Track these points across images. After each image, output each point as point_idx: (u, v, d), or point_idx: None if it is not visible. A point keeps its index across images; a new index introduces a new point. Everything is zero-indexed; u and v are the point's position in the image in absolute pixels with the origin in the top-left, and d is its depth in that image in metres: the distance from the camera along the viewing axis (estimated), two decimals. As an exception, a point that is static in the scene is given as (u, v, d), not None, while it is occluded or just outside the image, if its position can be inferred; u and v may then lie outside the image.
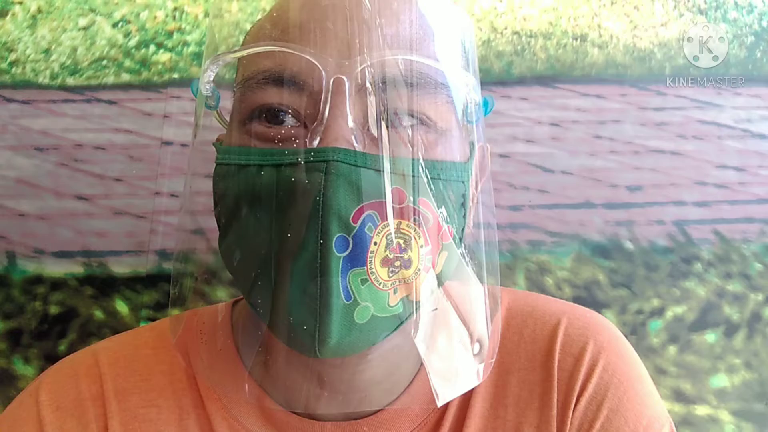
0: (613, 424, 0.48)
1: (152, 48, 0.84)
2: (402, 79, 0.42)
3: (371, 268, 0.40)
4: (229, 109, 0.47)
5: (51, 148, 0.82)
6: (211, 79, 0.46)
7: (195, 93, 0.48)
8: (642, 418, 0.49)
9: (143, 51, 0.84)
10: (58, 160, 0.82)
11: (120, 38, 0.84)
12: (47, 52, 0.84)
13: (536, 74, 0.85)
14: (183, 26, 0.85)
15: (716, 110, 0.84)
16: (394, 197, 0.41)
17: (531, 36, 0.86)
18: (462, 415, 0.50)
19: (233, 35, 0.50)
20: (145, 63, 0.84)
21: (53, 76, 0.83)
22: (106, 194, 0.81)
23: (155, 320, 0.64)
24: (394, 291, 0.42)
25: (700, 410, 0.78)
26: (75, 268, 0.79)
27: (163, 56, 0.84)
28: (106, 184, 0.81)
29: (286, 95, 0.42)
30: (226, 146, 0.45)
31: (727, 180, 0.83)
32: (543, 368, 0.50)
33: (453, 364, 0.45)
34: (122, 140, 0.82)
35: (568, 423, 0.49)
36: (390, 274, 0.41)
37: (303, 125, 0.43)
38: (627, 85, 0.85)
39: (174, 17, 0.85)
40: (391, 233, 0.40)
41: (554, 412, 0.49)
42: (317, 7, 0.43)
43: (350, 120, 0.41)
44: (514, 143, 0.84)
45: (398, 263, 0.41)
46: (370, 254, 0.40)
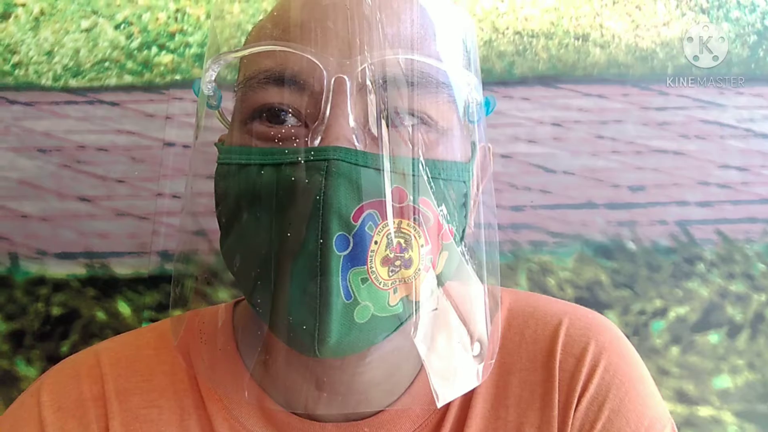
0: (614, 425, 0.48)
1: (154, 50, 0.84)
2: (403, 78, 0.42)
3: (371, 268, 0.40)
4: (231, 110, 0.47)
5: (54, 150, 0.82)
6: (213, 78, 0.46)
7: (197, 93, 0.48)
8: (644, 419, 0.49)
9: (145, 53, 0.84)
10: (60, 161, 0.82)
11: (122, 40, 0.84)
12: (50, 54, 0.84)
13: (538, 74, 0.85)
14: (185, 28, 0.85)
15: (719, 110, 0.84)
16: (395, 196, 0.41)
17: (533, 36, 0.86)
18: (463, 416, 0.50)
19: (235, 36, 0.50)
20: (147, 64, 0.84)
21: (56, 78, 0.84)
22: (108, 195, 0.81)
23: (157, 321, 0.65)
24: (394, 291, 0.41)
25: (703, 411, 0.77)
26: (77, 270, 0.79)
27: (165, 58, 0.84)
28: (108, 186, 0.81)
29: (287, 95, 0.42)
30: (227, 146, 0.45)
31: (730, 180, 0.83)
32: (544, 369, 0.50)
33: (453, 364, 0.45)
34: (124, 142, 0.82)
35: (570, 423, 0.48)
36: (390, 273, 0.41)
37: (304, 125, 0.42)
38: (629, 85, 0.85)
39: (176, 19, 0.85)
40: (392, 232, 0.40)
41: (555, 413, 0.49)
42: (318, 7, 0.43)
43: (351, 119, 0.41)
44: (516, 143, 0.84)
45: (399, 263, 0.41)
46: (370, 253, 0.40)
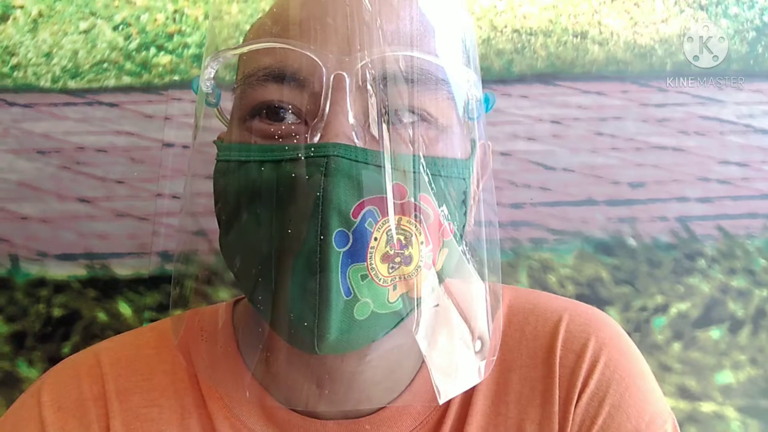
0: (615, 420, 0.48)
1: (153, 50, 0.84)
2: (402, 75, 0.42)
3: (371, 264, 0.40)
4: (230, 109, 0.47)
5: (53, 151, 0.82)
6: (212, 75, 0.46)
7: (195, 90, 0.48)
8: (644, 414, 0.48)
9: (144, 53, 0.84)
10: (60, 163, 0.82)
11: (120, 41, 0.85)
12: (48, 55, 0.84)
13: (537, 72, 0.85)
14: (183, 28, 0.85)
15: (718, 106, 0.84)
16: (395, 193, 0.40)
17: (531, 34, 0.86)
18: (464, 413, 0.49)
19: (233, 36, 0.50)
20: (145, 65, 0.84)
21: (54, 80, 0.84)
22: (108, 196, 0.81)
23: (160, 320, 0.64)
24: (394, 287, 0.41)
25: (706, 407, 0.77)
26: (78, 271, 0.79)
27: (164, 58, 0.84)
28: (107, 187, 0.81)
29: (286, 92, 0.42)
30: (226, 143, 0.45)
31: (730, 176, 0.82)
32: (545, 365, 0.50)
33: (454, 361, 0.45)
34: (124, 143, 0.82)
35: (570, 419, 0.48)
36: (390, 270, 0.41)
37: (303, 122, 0.42)
38: (628, 82, 0.85)
39: (174, 20, 0.85)
40: (392, 229, 0.40)
41: (556, 409, 0.49)
42: (317, 4, 0.43)
43: (351, 116, 0.41)
44: (515, 141, 0.83)
45: (398, 259, 0.41)
46: (370, 250, 0.40)
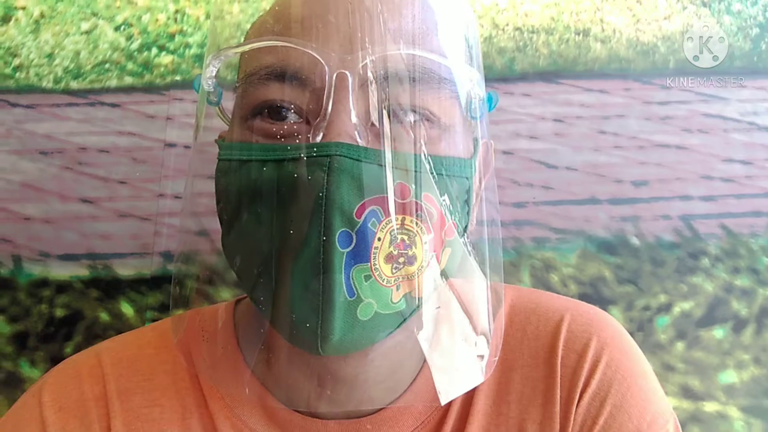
0: (616, 420, 0.48)
1: (154, 51, 0.85)
2: (405, 74, 0.42)
3: (375, 265, 0.40)
4: (231, 108, 0.47)
5: (55, 152, 0.82)
6: (214, 74, 0.46)
7: (197, 89, 0.48)
8: (646, 414, 0.48)
9: (145, 54, 0.84)
10: (62, 163, 0.82)
11: (122, 41, 0.85)
12: (50, 56, 0.84)
13: (539, 70, 0.85)
14: (185, 28, 0.85)
15: (721, 103, 0.84)
16: (398, 192, 0.40)
17: (533, 32, 0.85)
18: (465, 413, 0.49)
19: (234, 36, 0.50)
20: (147, 66, 0.84)
21: (57, 81, 0.84)
22: (110, 197, 0.81)
23: (161, 320, 0.64)
24: (397, 287, 0.41)
25: (709, 407, 0.77)
26: (80, 271, 0.80)
27: (166, 59, 0.84)
28: (110, 187, 0.82)
29: (288, 91, 0.42)
30: (228, 142, 0.45)
31: (734, 174, 0.82)
32: (546, 365, 0.50)
33: (457, 361, 0.45)
34: (126, 143, 0.82)
35: (572, 419, 0.48)
36: (394, 270, 0.41)
37: (305, 121, 0.42)
38: (631, 80, 0.84)
39: (175, 20, 0.85)
40: (395, 229, 0.40)
41: (557, 409, 0.49)
42: (319, 2, 0.43)
43: (353, 115, 0.41)
44: (518, 140, 0.83)
45: (402, 259, 0.41)
46: (374, 250, 0.40)
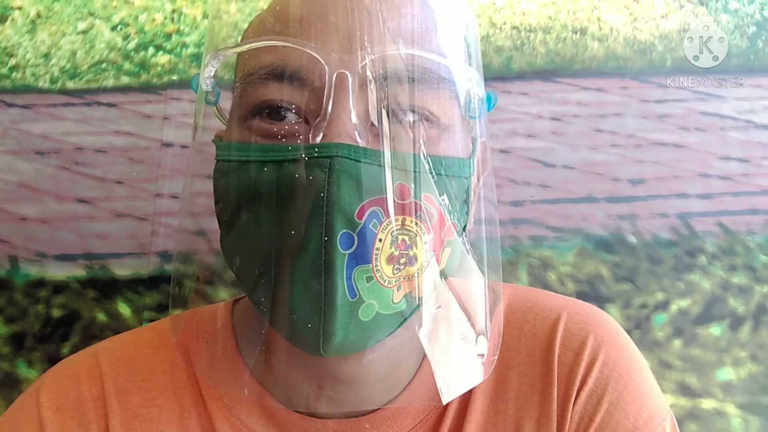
0: (613, 418, 0.48)
1: (151, 50, 0.84)
2: (405, 74, 0.42)
3: (377, 266, 0.40)
4: (228, 108, 0.47)
5: (52, 152, 0.82)
6: (212, 74, 0.46)
7: (195, 89, 0.48)
8: (642, 412, 0.48)
9: (142, 53, 0.84)
10: (58, 163, 0.82)
11: (119, 41, 0.84)
12: (47, 56, 0.84)
13: (536, 69, 0.85)
14: (181, 28, 0.85)
15: (719, 101, 0.84)
16: (399, 193, 0.40)
17: (530, 30, 0.85)
18: (463, 411, 0.49)
19: (232, 36, 0.50)
20: (144, 65, 0.84)
21: (53, 80, 0.84)
22: (107, 197, 0.81)
23: (159, 320, 0.64)
24: (398, 288, 0.41)
25: (706, 404, 0.77)
26: (77, 271, 0.80)
27: (162, 58, 0.84)
28: (107, 187, 0.81)
29: (288, 91, 0.42)
30: (226, 143, 0.45)
31: (731, 171, 0.82)
32: (543, 363, 0.50)
33: (457, 361, 0.45)
34: (122, 143, 0.82)
35: (569, 417, 0.48)
36: (395, 271, 0.41)
37: (305, 121, 0.42)
38: (628, 78, 0.84)
39: (172, 19, 0.85)
40: (397, 230, 0.40)
41: (554, 407, 0.49)
42: (318, 1, 0.43)
43: (353, 115, 0.41)
44: (515, 138, 0.83)
45: (403, 260, 0.41)
46: (375, 251, 0.40)
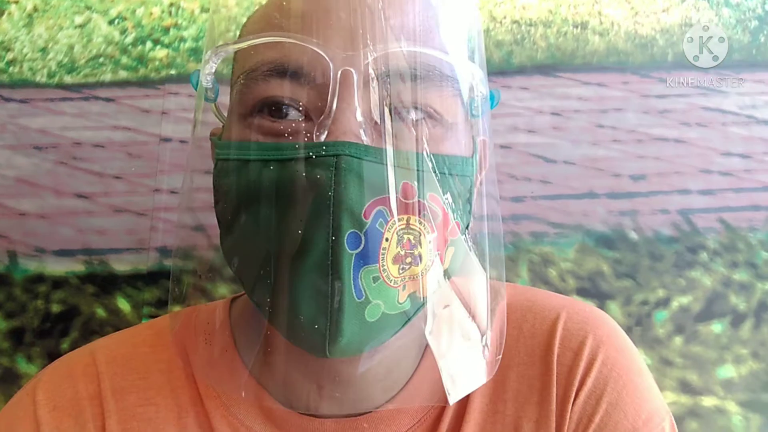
0: (612, 418, 0.48)
1: (149, 44, 0.84)
2: (409, 71, 0.41)
3: (383, 265, 0.39)
4: (226, 104, 0.46)
5: (50, 147, 0.82)
6: (213, 70, 0.45)
7: (195, 85, 0.47)
8: (641, 412, 0.48)
9: (140, 48, 0.84)
10: (57, 158, 0.82)
11: (116, 35, 0.84)
12: (44, 50, 0.84)
13: (536, 63, 0.84)
14: (179, 22, 0.84)
15: (720, 97, 0.83)
16: (405, 192, 0.40)
17: (531, 25, 0.85)
18: (461, 411, 0.49)
19: (230, 30, 0.49)
20: (142, 60, 0.84)
21: (51, 75, 0.83)
22: (105, 192, 0.81)
23: (157, 317, 0.64)
24: (403, 287, 0.41)
25: (707, 401, 0.77)
26: (76, 267, 0.79)
27: (160, 52, 0.84)
28: (105, 182, 0.81)
29: (291, 88, 0.41)
30: (226, 141, 0.44)
31: (733, 167, 0.82)
32: (542, 363, 0.50)
33: (462, 361, 0.44)
34: (121, 137, 0.82)
35: (567, 417, 0.48)
36: (401, 271, 0.40)
37: (307, 119, 0.41)
38: (629, 73, 0.84)
39: (170, 13, 0.84)
40: (403, 229, 0.40)
41: (553, 407, 0.48)
42: None
43: (359, 113, 0.40)
44: (515, 134, 0.83)
45: (409, 260, 0.40)
46: (382, 251, 0.39)
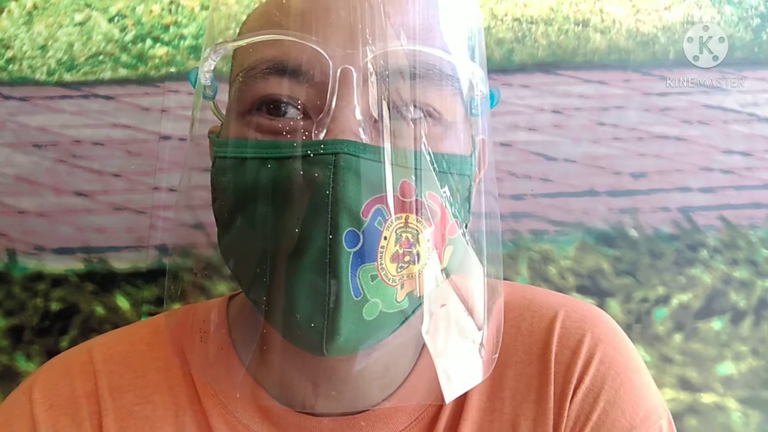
0: (609, 416, 0.48)
1: (149, 42, 0.84)
2: (409, 70, 0.41)
3: (382, 264, 0.39)
4: (225, 103, 0.46)
5: (49, 145, 0.82)
6: (212, 68, 0.45)
7: (193, 83, 0.47)
8: (639, 410, 0.48)
9: (140, 45, 0.84)
10: (56, 156, 0.82)
11: (116, 33, 0.84)
12: (44, 48, 0.84)
13: (538, 61, 0.84)
14: (179, 19, 0.84)
15: (722, 94, 0.83)
16: (404, 191, 0.40)
17: (532, 22, 0.85)
18: (459, 409, 0.49)
19: (230, 28, 0.49)
20: (141, 57, 0.84)
21: (50, 73, 0.83)
22: (105, 190, 0.81)
23: (154, 315, 0.64)
24: (401, 286, 0.41)
25: (707, 398, 0.77)
26: (75, 265, 0.80)
27: (160, 50, 0.84)
28: (105, 180, 0.81)
29: (290, 86, 0.41)
30: (224, 139, 0.44)
31: (733, 165, 0.81)
32: (540, 361, 0.50)
33: (459, 359, 0.44)
34: (120, 135, 0.82)
35: (565, 415, 0.48)
36: (399, 269, 0.40)
37: (306, 117, 0.41)
38: (630, 71, 0.84)
39: (170, 11, 0.84)
40: (401, 227, 0.40)
41: (551, 405, 0.48)
42: None
43: (358, 112, 0.40)
44: (516, 131, 0.83)
45: (408, 258, 0.40)
46: (380, 249, 0.39)
